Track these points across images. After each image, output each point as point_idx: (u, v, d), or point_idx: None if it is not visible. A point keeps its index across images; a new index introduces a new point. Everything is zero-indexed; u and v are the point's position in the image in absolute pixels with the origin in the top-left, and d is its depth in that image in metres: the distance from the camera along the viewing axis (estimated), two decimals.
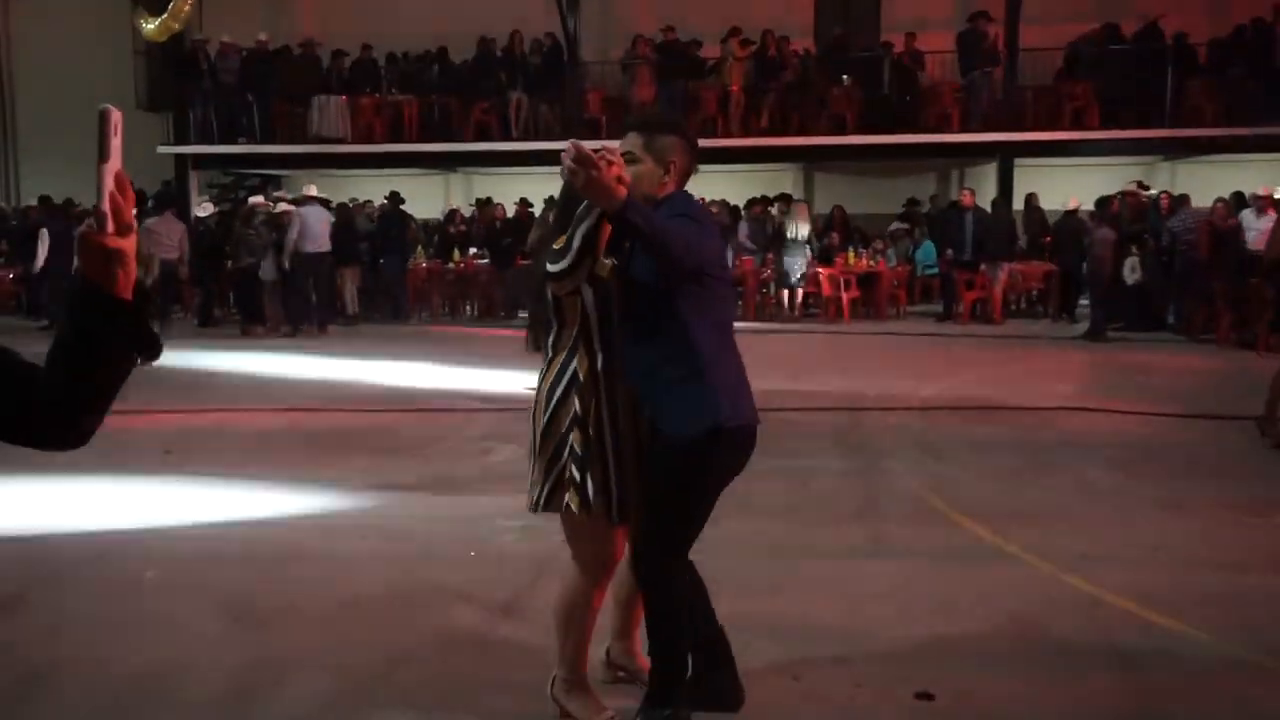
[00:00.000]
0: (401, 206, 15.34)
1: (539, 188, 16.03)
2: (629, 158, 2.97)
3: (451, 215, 17.51)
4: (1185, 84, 15.96)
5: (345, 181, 18.71)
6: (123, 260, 1.44)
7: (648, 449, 3.05)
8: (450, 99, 17.67)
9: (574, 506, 2.98)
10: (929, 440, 7.17)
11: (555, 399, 3.02)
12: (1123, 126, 15.99)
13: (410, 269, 15.71)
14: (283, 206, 14.12)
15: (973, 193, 15.11)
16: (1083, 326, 13.31)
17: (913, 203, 17.25)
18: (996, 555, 4.84)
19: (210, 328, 14.56)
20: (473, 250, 16.24)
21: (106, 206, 1.41)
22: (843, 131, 16.68)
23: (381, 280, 15.40)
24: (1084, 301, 14.44)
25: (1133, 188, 14.22)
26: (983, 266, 14.21)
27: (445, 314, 16.14)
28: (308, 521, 5.45)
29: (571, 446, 2.98)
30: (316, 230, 13.67)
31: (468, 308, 16.39)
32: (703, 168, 14.42)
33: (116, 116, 1.42)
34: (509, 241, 14.95)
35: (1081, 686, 3.47)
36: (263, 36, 17.81)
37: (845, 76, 16.91)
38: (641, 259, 2.93)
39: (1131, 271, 12.98)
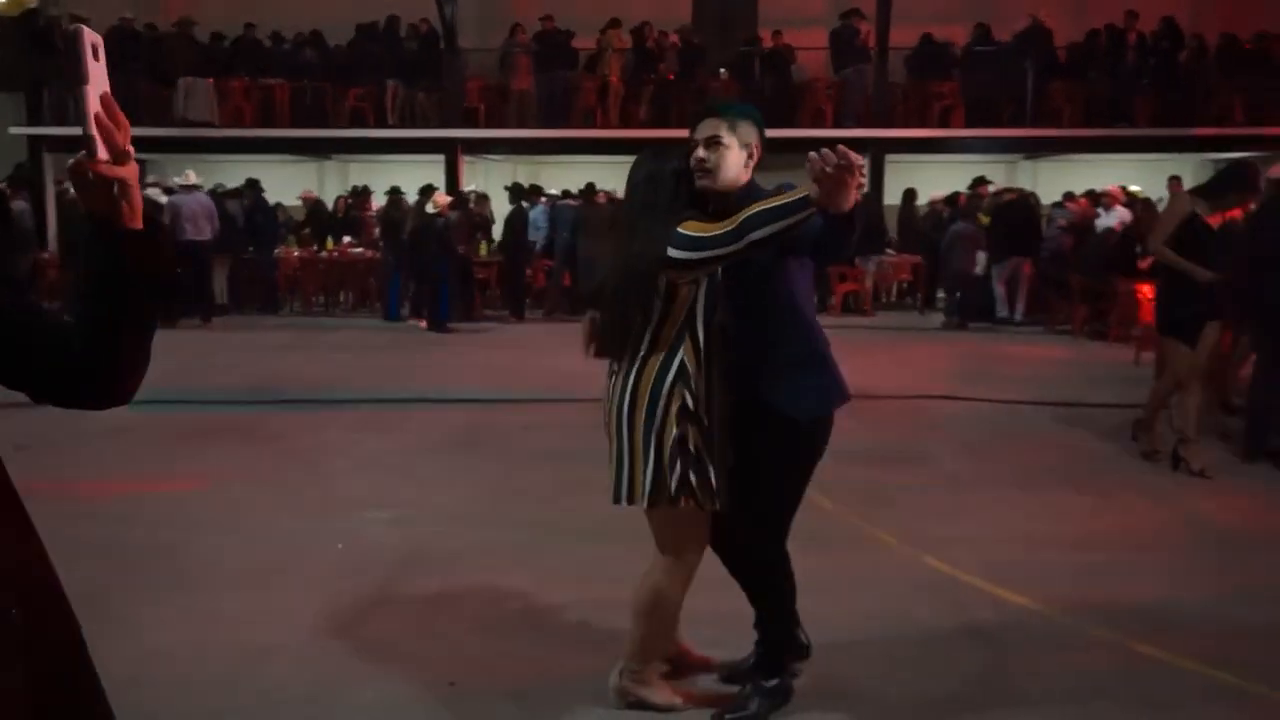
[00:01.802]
0: (263, 194, 14.99)
1: (414, 176, 15.83)
2: (716, 142, 2.99)
3: (335, 202, 17.10)
4: (1046, 85, 16.62)
5: (214, 167, 18.12)
6: (124, 189, 1.35)
7: (757, 433, 3.04)
8: (324, 84, 17.29)
9: (697, 500, 2.95)
10: None
11: (663, 393, 2.91)
12: (988, 125, 16.57)
13: (281, 257, 15.33)
14: (150, 194, 13.62)
15: None
16: (940, 318, 13.82)
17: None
18: (861, 539, 4.99)
19: None
20: (347, 239, 15.93)
21: (94, 130, 1.31)
22: None
23: (253, 269, 14.99)
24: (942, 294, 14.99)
25: (993, 186, 14.79)
26: (856, 260, 14.59)
27: (320, 304, 15.81)
28: (166, 517, 5.29)
29: (687, 441, 2.92)
30: (190, 218, 13.23)
31: (342, 298, 16.07)
32: (582, 159, 14.56)
33: (91, 36, 1.31)
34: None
35: (938, 664, 3.62)
36: (128, 14, 17.12)
37: (723, 70, 17.12)
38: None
39: (981, 266, 13.51)
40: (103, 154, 1.32)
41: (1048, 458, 6.62)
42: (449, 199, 13.35)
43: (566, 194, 15.26)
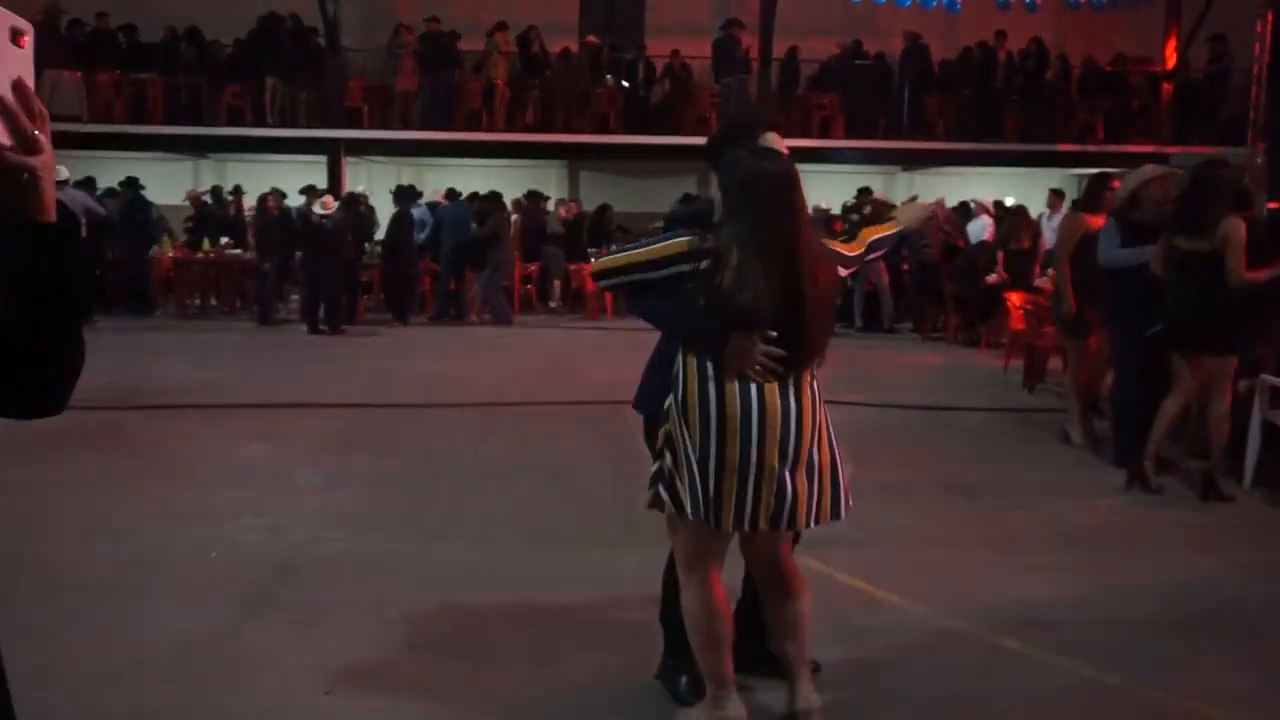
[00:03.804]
0: (143, 192, 14.49)
1: (295, 176, 15.49)
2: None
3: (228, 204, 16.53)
4: (922, 100, 17.16)
5: (83, 164, 17.41)
6: (34, 180, 1.28)
7: None
8: (200, 80, 16.79)
9: None
10: None
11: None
12: (865, 137, 17.02)
13: (154, 258, 14.81)
14: None
15: None
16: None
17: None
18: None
19: None
20: (224, 239, 15.46)
21: None
22: (606, 130, 16.97)
23: (126, 270, 14.45)
24: None
25: (882, 194, 15.16)
26: None
27: (196, 307, 15.32)
28: (27, 525, 5.07)
29: None
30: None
31: (215, 300, 15.59)
32: (468, 162, 14.43)
33: (10, 18, 1.25)
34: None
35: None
36: None
37: (609, 76, 17.21)
38: None
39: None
40: (4, 139, 1.25)
41: (921, 460, 6.82)
42: (336, 203, 13.11)
43: (452, 194, 15.02)
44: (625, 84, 17.13)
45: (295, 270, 13.40)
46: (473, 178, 17.01)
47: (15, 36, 1.27)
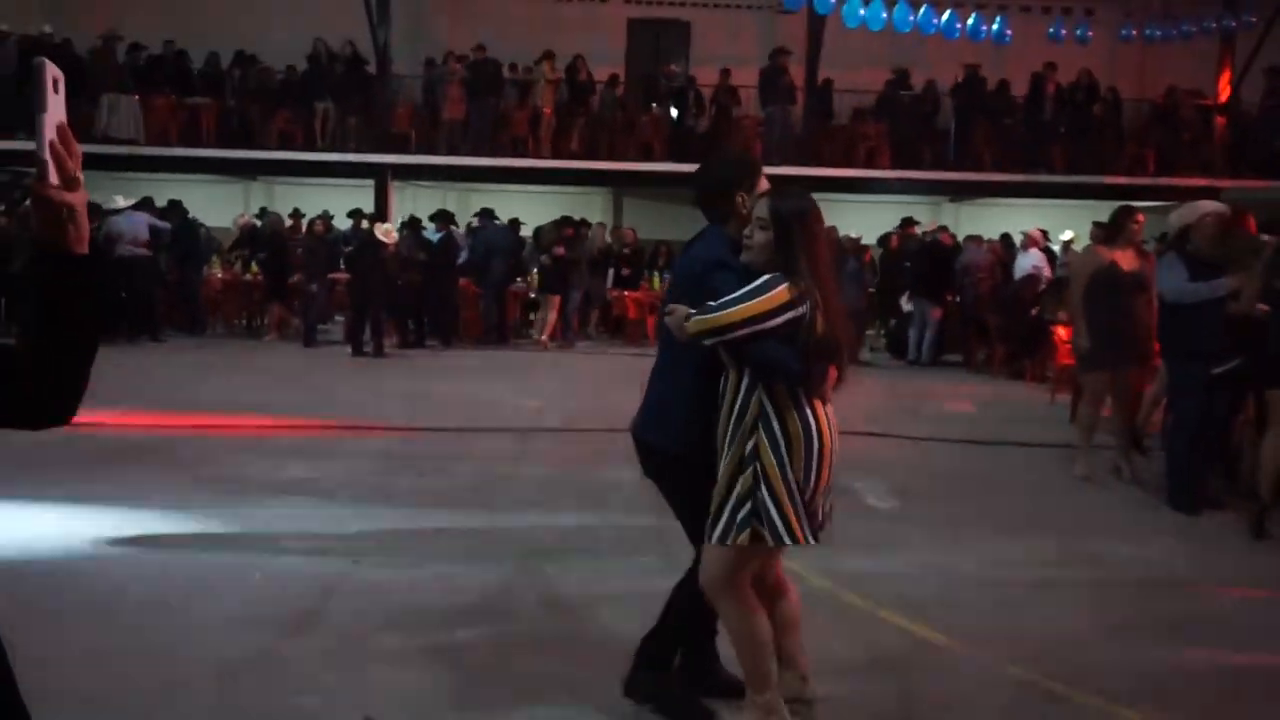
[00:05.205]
0: (189, 215, 14.81)
1: (342, 200, 15.69)
2: None
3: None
4: (970, 131, 17.06)
5: (136, 186, 17.71)
6: (73, 214, 1.41)
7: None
8: (252, 105, 17.07)
9: None
10: None
11: None
12: (911, 168, 16.94)
13: (205, 280, 15.06)
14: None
15: None
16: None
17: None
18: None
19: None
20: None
21: (47, 156, 1.38)
22: (650, 158, 17.04)
23: (176, 291, 14.69)
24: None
25: (921, 228, 15.05)
26: None
27: (242, 327, 15.52)
28: (77, 543, 5.12)
29: None
30: (130, 237, 13.15)
31: (263, 321, 15.78)
32: (513, 188, 14.50)
33: (53, 70, 1.41)
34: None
35: (855, 699, 3.63)
36: (47, 29, 16.71)
37: (654, 105, 17.31)
38: None
39: (906, 302, 13.76)
40: (54, 179, 1.39)
41: (965, 494, 6.73)
42: (395, 235, 13.29)
43: (487, 213, 15.11)
44: (674, 112, 17.19)
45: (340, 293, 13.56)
46: (517, 203, 17.14)
47: (56, 85, 1.43)
